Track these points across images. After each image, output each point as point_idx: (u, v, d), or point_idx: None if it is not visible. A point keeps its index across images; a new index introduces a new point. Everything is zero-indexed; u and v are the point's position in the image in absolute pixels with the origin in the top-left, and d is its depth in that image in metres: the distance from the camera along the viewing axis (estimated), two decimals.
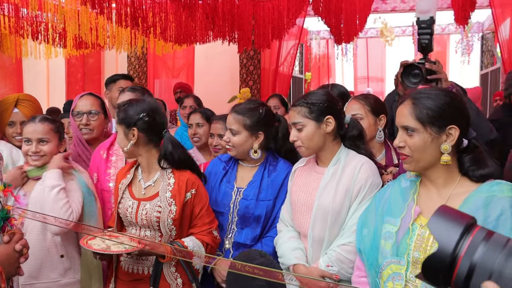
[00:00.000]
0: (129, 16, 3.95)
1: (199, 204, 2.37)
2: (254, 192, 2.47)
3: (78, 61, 7.99)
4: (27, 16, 5.18)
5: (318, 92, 2.28)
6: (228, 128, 2.51)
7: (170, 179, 2.35)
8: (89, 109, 2.99)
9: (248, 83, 7.26)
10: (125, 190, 2.41)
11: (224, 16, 4.01)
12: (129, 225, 2.40)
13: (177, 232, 2.34)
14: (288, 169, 2.49)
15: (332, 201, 2.14)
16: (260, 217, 2.45)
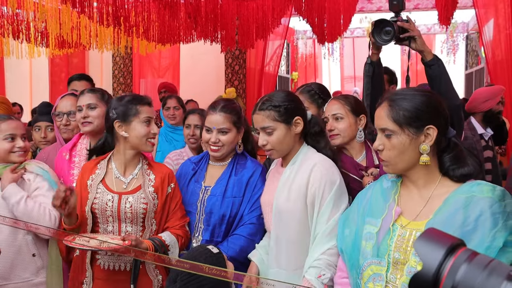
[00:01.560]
0: (111, 15, 3.90)
1: (175, 198, 2.46)
2: (220, 190, 2.49)
3: (62, 61, 7.91)
4: (8, 14, 5.10)
5: (281, 93, 2.28)
6: (216, 128, 2.47)
7: (150, 175, 2.43)
8: (69, 110, 3.00)
9: (234, 83, 7.24)
10: (98, 184, 2.39)
11: (207, 15, 3.97)
12: (106, 221, 2.37)
13: (157, 227, 2.41)
14: (255, 168, 2.53)
15: (286, 201, 2.17)
16: (225, 214, 2.45)
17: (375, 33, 2.50)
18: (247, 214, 2.46)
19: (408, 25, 2.43)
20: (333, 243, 2.03)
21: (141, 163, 2.46)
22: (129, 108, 2.39)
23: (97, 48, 5.81)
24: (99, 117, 2.70)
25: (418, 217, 1.68)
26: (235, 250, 2.37)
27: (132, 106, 2.40)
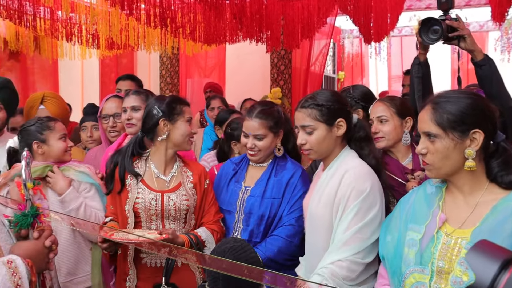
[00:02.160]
0: (158, 17, 3.96)
1: (210, 194, 2.54)
2: (260, 190, 2.51)
3: (112, 62, 8.11)
4: (62, 18, 5.29)
5: (326, 92, 2.18)
6: (252, 134, 2.49)
7: (187, 172, 2.52)
8: (114, 112, 3.05)
9: (279, 83, 7.21)
10: (138, 184, 2.43)
11: (252, 16, 3.98)
12: (149, 220, 2.41)
13: (195, 221, 2.50)
14: (295, 169, 2.53)
15: (316, 206, 2.12)
16: (264, 215, 2.46)
17: (422, 32, 2.43)
18: (286, 215, 2.46)
19: (457, 24, 2.36)
20: (346, 255, 1.94)
21: (177, 161, 2.53)
22: (174, 107, 2.44)
23: (145, 49, 5.93)
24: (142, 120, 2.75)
25: (464, 225, 1.62)
26: (273, 251, 2.39)
27: (176, 106, 2.45)
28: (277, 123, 2.51)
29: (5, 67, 6.92)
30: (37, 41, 6.33)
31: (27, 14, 4.90)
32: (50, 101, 3.04)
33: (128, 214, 2.41)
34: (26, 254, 1.59)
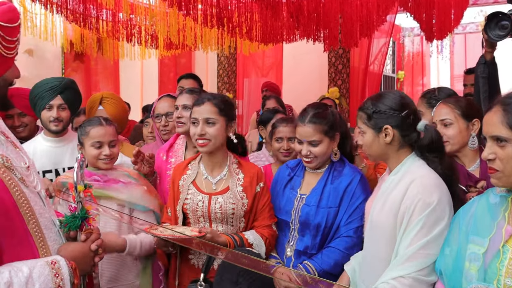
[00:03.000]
0: (215, 17, 3.98)
1: (263, 198, 2.43)
2: (315, 199, 2.38)
3: (171, 61, 8.26)
4: (122, 20, 5.44)
5: (389, 96, 2.04)
6: (306, 140, 2.37)
7: (239, 174, 2.43)
8: (166, 111, 3.05)
9: (337, 83, 7.10)
10: (190, 185, 2.42)
11: (309, 14, 3.91)
12: (197, 221, 2.40)
13: (245, 224, 2.41)
14: (353, 175, 2.38)
15: (379, 213, 1.97)
16: (320, 225, 2.34)
17: (488, 28, 2.27)
18: (344, 225, 2.33)
19: None
20: (409, 271, 1.80)
21: (229, 161, 2.45)
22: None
23: (202, 49, 6.00)
24: None
25: None
26: (329, 263, 2.28)
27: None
28: (332, 127, 2.38)
29: (71, 67, 7.20)
30: (100, 43, 6.56)
31: (91, 16, 5.09)
32: (108, 102, 3.10)
33: (178, 214, 2.42)
34: (71, 256, 1.60)
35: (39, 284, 1.44)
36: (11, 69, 1.56)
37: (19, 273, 1.42)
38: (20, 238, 1.49)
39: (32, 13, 5.16)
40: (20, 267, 1.44)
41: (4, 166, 1.51)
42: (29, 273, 1.44)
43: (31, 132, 3.25)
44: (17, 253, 1.48)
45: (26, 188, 1.57)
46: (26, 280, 1.42)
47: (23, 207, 1.51)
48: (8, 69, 1.55)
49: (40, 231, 1.56)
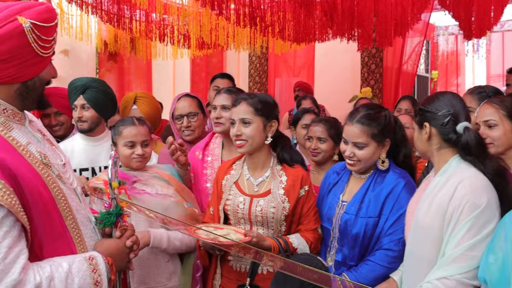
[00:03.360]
0: (248, 16, 3.97)
1: (309, 201, 2.35)
2: (355, 208, 2.26)
3: (202, 61, 8.30)
4: (155, 20, 5.49)
5: (438, 96, 2.02)
6: (351, 141, 2.27)
7: (282, 176, 2.35)
8: (187, 111, 3.01)
9: (370, 83, 7.01)
10: (232, 186, 2.40)
11: (343, 13, 3.86)
12: (238, 222, 2.37)
13: (286, 228, 2.33)
14: (395, 182, 2.23)
15: (425, 214, 1.91)
16: (358, 236, 2.21)
17: None
18: (385, 236, 2.20)
19: None
20: (453, 273, 1.76)
21: (272, 163, 2.40)
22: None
23: (234, 48, 6.00)
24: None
25: None
26: (368, 278, 2.17)
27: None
28: (382, 131, 2.24)
29: (105, 67, 7.31)
30: (133, 43, 6.64)
31: (125, 17, 5.15)
32: (142, 101, 3.12)
33: (220, 213, 2.40)
34: (108, 252, 1.62)
35: (78, 279, 1.47)
36: (47, 69, 1.58)
37: (59, 268, 1.44)
38: (58, 234, 1.51)
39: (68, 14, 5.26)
40: (60, 262, 1.46)
41: (42, 163, 1.53)
42: (68, 268, 1.46)
43: (66, 131, 3.30)
44: (55, 248, 1.50)
45: (63, 184, 1.59)
46: (66, 275, 1.44)
47: (61, 203, 1.53)
48: (44, 68, 1.56)
49: (77, 227, 1.58)
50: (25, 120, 1.62)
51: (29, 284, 1.35)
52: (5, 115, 1.52)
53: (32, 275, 1.37)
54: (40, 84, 1.58)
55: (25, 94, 1.55)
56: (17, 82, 1.51)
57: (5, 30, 1.42)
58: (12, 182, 1.37)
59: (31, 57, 1.49)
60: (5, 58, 1.44)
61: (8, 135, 1.49)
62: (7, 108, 1.53)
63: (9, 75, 1.47)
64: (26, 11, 1.47)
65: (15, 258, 1.35)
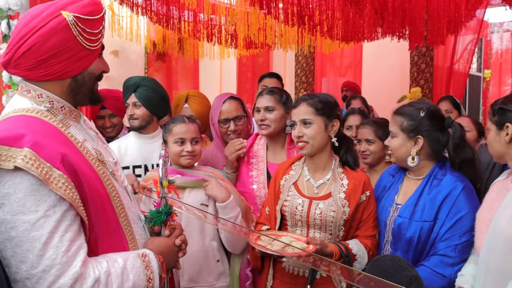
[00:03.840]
0: (296, 15, 3.93)
1: (369, 208, 2.30)
2: (409, 211, 2.19)
3: (249, 61, 8.32)
4: (203, 20, 5.53)
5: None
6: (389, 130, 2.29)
7: (343, 179, 2.30)
8: (235, 115, 2.98)
9: (419, 82, 6.81)
10: (291, 187, 2.36)
11: (394, 11, 3.76)
12: (295, 225, 2.33)
13: (344, 233, 2.28)
14: (453, 185, 2.14)
15: (508, 224, 1.79)
16: (412, 240, 2.14)
17: None
18: (441, 241, 2.11)
19: None
20: None
21: (334, 165, 2.35)
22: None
23: (282, 48, 5.98)
24: (276, 120, 2.66)
25: None
26: None
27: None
28: (416, 127, 2.21)
29: (153, 67, 7.44)
30: (181, 43, 6.73)
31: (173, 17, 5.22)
32: (194, 100, 3.14)
33: (277, 214, 2.37)
34: (158, 250, 1.64)
35: (133, 275, 1.49)
36: (96, 63, 1.60)
37: (115, 264, 1.47)
38: (113, 230, 1.54)
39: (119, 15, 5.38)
40: (115, 258, 1.49)
41: (98, 159, 1.56)
42: (123, 264, 1.48)
43: (118, 132, 3.39)
44: (110, 244, 1.53)
45: (116, 182, 1.62)
46: (122, 271, 1.46)
47: (115, 200, 1.55)
48: (92, 62, 1.59)
49: (129, 224, 1.61)
50: (80, 118, 1.65)
51: (89, 278, 1.38)
52: (63, 112, 1.56)
53: (91, 269, 1.40)
54: (89, 78, 1.60)
55: (76, 90, 1.58)
56: (67, 77, 1.54)
57: (50, 26, 1.45)
58: (73, 176, 1.41)
59: (78, 51, 1.51)
60: (53, 54, 1.47)
61: (67, 131, 1.52)
62: (65, 105, 1.57)
63: (59, 71, 1.51)
64: (70, 5, 1.50)
65: (76, 251, 1.38)
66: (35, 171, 1.32)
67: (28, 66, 1.48)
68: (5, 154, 1.34)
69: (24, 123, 1.44)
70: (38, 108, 1.51)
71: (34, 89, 1.53)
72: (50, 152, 1.38)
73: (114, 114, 3.35)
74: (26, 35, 1.45)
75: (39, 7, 1.51)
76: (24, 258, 1.33)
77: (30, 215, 1.33)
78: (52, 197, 1.36)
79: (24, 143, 1.36)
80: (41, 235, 1.33)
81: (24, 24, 1.48)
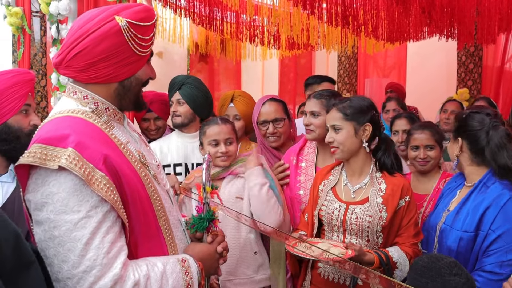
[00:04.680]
0: (340, 15, 3.87)
1: (409, 213, 2.20)
2: (452, 218, 2.09)
3: (291, 62, 8.28)
4: (246, 21, 5.54)
5: None
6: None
7: (381, 184, 2.23)
8: (274, 117, 2.92)
9: (467, 83, 6.58)
10: (329, 191, 2.32)
11: (442, 9, 3.63)
12: (331, 230, 2.29)
13: (383, 240, 2.20)
14: (499, 193, 1.99)
15: None
16: (451, 250, 2.02)
17: None
18: (486, 256, 1.97)
19: None
20: None
21: (372, 169, 2.30)
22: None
23: (325, 49, 5.91)
24: (321, 126, 2.59)
25: None
26: None
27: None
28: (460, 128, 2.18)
29: (196, 68, 7.52)
30: (223, 44, 6.77)
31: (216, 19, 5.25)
32: (239, 100, 3.12)
33: (314, 219, 2.34)
34: (199, 257, 1.62)
35: (172, 280, 1.48)
36: (143, 69, 1.61)
37: (155, 268, 1.46)
38: (153, 233, 1.53)
39: (163, 18, 5.45)
40: (155, 262, 1.48)
41: (140, 162, 1.56)
42: (163, 268, 1.47)
43: (161, 135, 3.42)
44: (149, 248, 1.52)
45: (158, 185, 1.61)
46: (161, 275, 1.45)
47: (156, 203, 1.55)
48: (140, 68, 1.59)
49: (169, 228, 1.60)
50: (124, 120, 1.66)
51: (129, 281, 1.38)
52: (107, 113, 1.57)
53: (131, 272, 1.40)
54: (136, 84, 1.61)
55: (123, 94, 1.59)
56: (115, 81, 1.56)
57: (103, 30, 1.47)
58: (114, 178, 1.41)
59: (128, 56, 1.52)
60: (103, 57, 1.49)
61: (111, 133, 1.53)
62: (109, 107, 1.58)
63: (107, 74, 1.52)
64: (123, 11, 1.51)
65: (117, 253, 1.38)
66: (78, 171, 1.33)
67: (79, 68, 1.50)
68: (50, 154, 1.35)
69: (69, 124, 1.45)
70: (83, 109, 1.52)
71: (80, 90, 1.55)
72: (93, 153, 1.39)
73: (159, 117, 3.39)
74: (79, 38, 1.47)
75: (94, 11, 1.53)
76: (66, 258, 1.34)
77: (72, 215, 1.34)
78: (94, 197, 1.37)
79: (69, 143, 1.37)
80: (83, 235, 1.34)
81: (78, 27, 1.50)
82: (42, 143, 1.38)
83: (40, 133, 1.43)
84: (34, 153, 1.36)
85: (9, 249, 1.19)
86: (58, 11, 3.27)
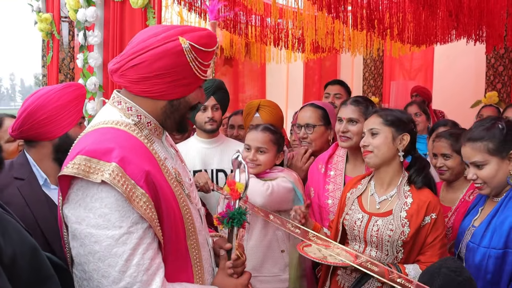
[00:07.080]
0: (365, 19, 3.85)
1: (435, 232, 2.10)
2: (480, 234, 1.99)
3: (316, 64, 8.25)
4: (270, 25, 5.55)
5: None
6: (469, 162, 2.07)
7: (408, 198, 2.14)
8: (306, 122, 2.90)
9: (496, 86, 6.44)
10: (355, 200, 2.29)
11: (470, 12, 3.57)
12: (354, 239, 2.26)
13: (404, 255, 2.11)
14: None
15: None
16: (480, 269, 1.92)
17: None
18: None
19: None
20: None
21: (401, 181, 2.21)
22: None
23: (350, 52, 5.87)
24: (359, 134, 2.48)
25: None
26: None
27: None
28: (502, 144, 1.99)
29: (220, 71, 7.55)
30: (247, 47, 6.79)
31: (241, 23, 5.27)
32: (265, 110, 3.11)
33: (339, 227, 2.31)
34: None
35: None
36: (195, 93, 1.60)
37: None
38: (181, 252, 1.53)
39: (187, 21, 5.49)
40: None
41: (176, 180, 1.56)
42: None
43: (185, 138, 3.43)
44: (176, 267, 1.52)
45: (191, 204, 1.60)
46: None
47: (188, 222, 1.54)
48: (193, 91, 1.59)
49: (198, 248, 1.59)
50: (163, 135, 1.65)
51: None
52: (149, 128, 1.57)
53: None
54: (185, 105, 1.60)
55: (169, 113, 1.58)
56: (165, 99, 1.55)
57: (165, 47, 1.47)
58: (153, 195, 1.42)
59: (185, 76, 1.52)
60: (159, 74, 1.49)
61: (152, 148, 1.53)
62: (151, 121, 1.57)
63: (160, 91, 1.52)
64: (188, 33, 1.51)
65: (156, 270, 1.40)
66: (120, 187, 1.34)
67: (133, 79, 1.51)
68: (94, 167, 1.36)
69: (113, 136, 1.46)
70: (126, 121, 1.53)
71: (126, 101, 1.56)
72: (135, 169, 1.40)
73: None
74: (140, 51, 1.49)
75: (159, 27, 1.55)
76: (106, 273, 1.34)
77: (114, 230, 1.35)
78: (135, 214, 1.38)
79: (113, 158, 1.38)
80: (124, 251, 1.35)
81: (140, 40, 1.51)
82: (87, 155, 1.38)
83: (85, 144, 1.44)
84: (78, 165, 1.37)
85: (25, 263, 1.21)
86: (86, 18, 3.33)
